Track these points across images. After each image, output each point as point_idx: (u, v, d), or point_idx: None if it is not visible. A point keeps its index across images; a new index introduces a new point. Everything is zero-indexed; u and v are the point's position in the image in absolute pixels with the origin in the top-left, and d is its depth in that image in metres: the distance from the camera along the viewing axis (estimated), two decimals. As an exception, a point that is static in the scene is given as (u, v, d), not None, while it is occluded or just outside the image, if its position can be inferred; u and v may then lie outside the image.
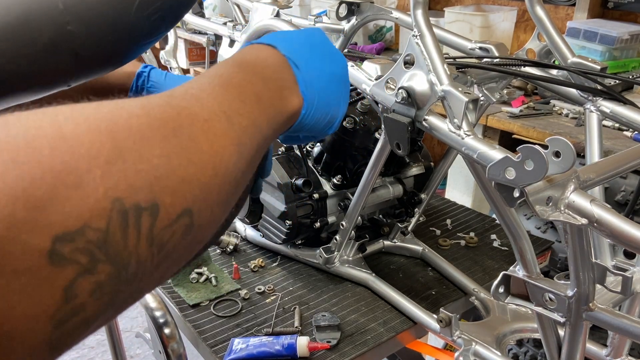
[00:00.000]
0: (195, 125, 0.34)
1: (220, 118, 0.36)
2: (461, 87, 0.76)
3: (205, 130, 0.34)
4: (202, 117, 0.35)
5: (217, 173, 0.34)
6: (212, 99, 0.37)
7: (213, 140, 0.34)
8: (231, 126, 0.37)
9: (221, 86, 0.40)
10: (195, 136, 0.33)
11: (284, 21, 1.13)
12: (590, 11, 2.26)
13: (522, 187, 0.58)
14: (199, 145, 0.33)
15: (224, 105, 0.38)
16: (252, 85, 0.43)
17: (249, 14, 1.29)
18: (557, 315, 0.71)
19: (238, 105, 0.39)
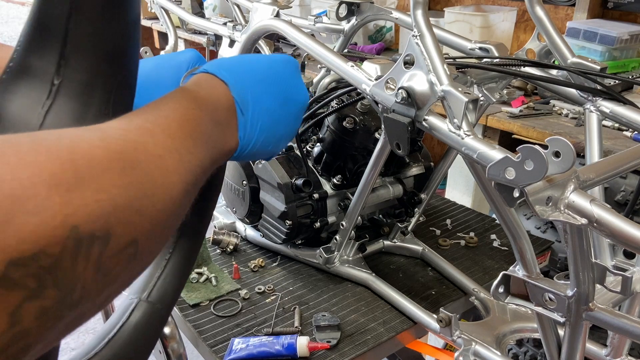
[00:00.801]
0: (150, 160, 0.35)
1: (172, 155, 0.38)
2: (461, 87, 0.76)
3: (158, 166, 0.36)
4: (157, 153, 0.36)
5: (165, 207, 0.35)
6: (167, 135, 0.39)
7: (165, 175, 0.36)
8: (181, 164, 0.38)
9: (176, 122, 0.41)
10: (150, 171, 0.34)
11: (284, 21, 1.13)
12: (590, 11, 2.26)
13: (522, 187, 0.58)
14: (153, 180, 0.34)
15: (177, 143, 0.39)
16: (204, 125, 0.45)
17: (249, 14, 1.29)
18: (557, 315, 0.71)
19: (189, 143, 0.41)
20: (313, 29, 1.47)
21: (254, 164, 1.18)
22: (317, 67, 1.43)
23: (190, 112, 0.44)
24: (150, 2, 1.97)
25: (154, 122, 0.39)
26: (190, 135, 0.41)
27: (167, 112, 0.42)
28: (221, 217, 1.40)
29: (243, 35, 1.25)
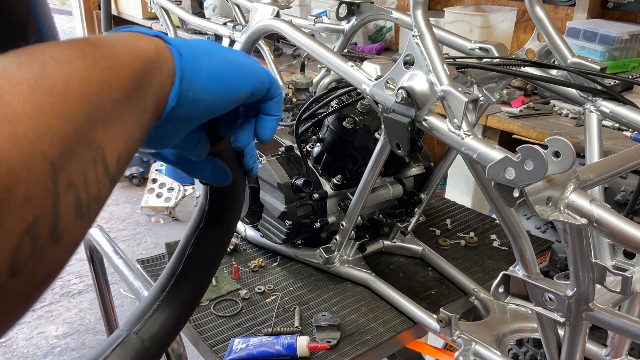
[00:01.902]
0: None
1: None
2: (461, 87, 0.76)
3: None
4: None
5: (3, 117, 0.26)
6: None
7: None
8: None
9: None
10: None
11: (284, 21, 1.13)
12: (590, 11, 2.26)
13: (521, 187, 0.58)
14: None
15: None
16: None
17: (249, 14, 1.29)
18: (556, 315, 0.71)
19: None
20: (313, 29, 1.47)
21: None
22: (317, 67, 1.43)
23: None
24: (150, 2, 1.97)
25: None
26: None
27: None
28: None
29: (243, 35, 1.25)
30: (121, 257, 1.16)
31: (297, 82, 1.32)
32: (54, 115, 0.27)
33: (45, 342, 2.39)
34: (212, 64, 0.43)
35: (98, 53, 0.33)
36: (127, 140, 0.34)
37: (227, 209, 0.54)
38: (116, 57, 0.34)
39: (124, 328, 0.47)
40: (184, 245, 0.53)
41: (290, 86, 1.34)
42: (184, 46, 0.41)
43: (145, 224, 3.28)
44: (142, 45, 0.37)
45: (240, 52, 0.47)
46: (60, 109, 0.28)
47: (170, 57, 0.39)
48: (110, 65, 0.33)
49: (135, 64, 0.35)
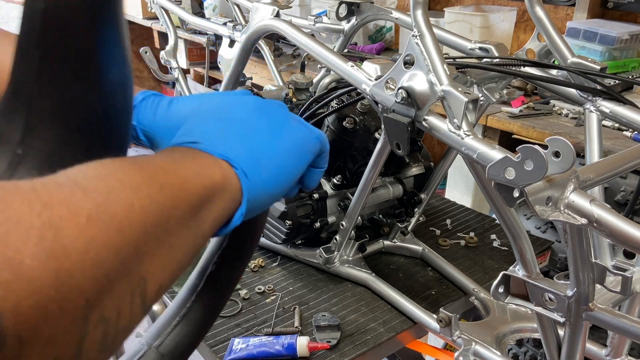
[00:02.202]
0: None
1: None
2: (461, 87, 0.76)
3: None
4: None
5: (50, 252, 0.24)
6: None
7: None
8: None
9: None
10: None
11: (284, 21, 1.13)
12: (590, 11, 2.26)
13: (521, 187, 0.58)
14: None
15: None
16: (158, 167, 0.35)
17: (249, 14, 1.29)
18: (556, 315, 0.71)
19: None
20: (313, 29, 1.47)
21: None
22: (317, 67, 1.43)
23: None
24: (150, 2, 1.97)
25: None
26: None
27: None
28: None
29: (243, 35, 1.25)
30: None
31: (297, 82, 1.32)
32: (103, 248, 0.26)
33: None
34: (274, 167, 0.43)
35: (166, 180, 0.33)
36: (174, 268, 0.33)
37: (250, 232, 0.55)
38: (182, 186, 0.34)
39: (144, 342, 0.48)
40: (206, 263, 0.54)
41: (290, 86, 1.34)
42: (248, 160, 0.40)
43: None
44: (210, 173, 0.37)
45: (293, 125, 0.47)
46: (112, 242, 0.26)
47: (236, 181, 0.39)
48: (175, 194, 0.33)
49: (199, 192, 0.35)
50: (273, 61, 1.69)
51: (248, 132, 0.43)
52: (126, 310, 0.28)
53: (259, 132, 0.43)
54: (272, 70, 1.67)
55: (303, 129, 0.47)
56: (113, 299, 0.27)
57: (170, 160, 0.36)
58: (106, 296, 0.26)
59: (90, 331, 0.25)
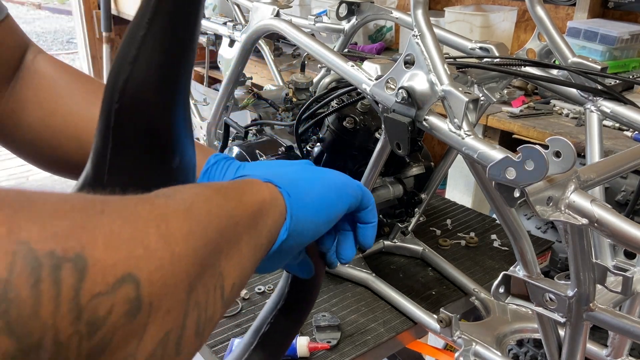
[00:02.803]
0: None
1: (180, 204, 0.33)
2: (461, 87, 0.75)
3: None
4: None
5: (165, 238, 0.28)
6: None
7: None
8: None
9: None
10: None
11: (284, 21, 1.13)
12: (590, 11, 2.25)
13: (522, 187, 0.58)
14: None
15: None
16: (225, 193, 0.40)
17: (249, 13, 1.29)
18: (557, 315, 0.70)
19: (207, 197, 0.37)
20: (313, 29, 1.47)
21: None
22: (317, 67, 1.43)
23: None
24: (150, 2, 1.97)
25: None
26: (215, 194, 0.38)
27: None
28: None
29: (243, 34, 1.25)
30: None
31: (297, 81, 1.32)
32: (198, 241, 0.31)
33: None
34: (314, 195, 0.48)
35: (230, 194, 0.39)
36: (242, 271, 0.37)
37: (305, 298, 0.58)
38: (241, 198, 0.39)
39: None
40: (261, 322, 0.57)
41: (291, 86, 1.34)
42: (290, 185, 0.46)
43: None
44: (260, 190, 0.43)
45: (333, 172, 0.52)
46: (202, 237, 0.32)
47: (282, 199, 0.44)
48: (237, 205, 0.38)
49: (255, 205, 0.40)
50: (273, 61, 1.69)
51: (292, 173, 0.49)
52: (211, 300, 0.32)
53: (302, 174, 0.49)
54: (272, 70, 1.67)
55: (344, 176, 0.52)
56: (204, 287, 0.31)
57: (227, 183, 0.42)
58: (199, 283, 0.31)
59: (190, 312, 0.30)
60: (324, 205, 0.48)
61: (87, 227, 0.24)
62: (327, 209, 0.48)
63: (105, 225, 0.25)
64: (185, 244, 0.29)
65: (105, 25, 3.80)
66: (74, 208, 0.25)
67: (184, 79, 0.42)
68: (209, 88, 3.30)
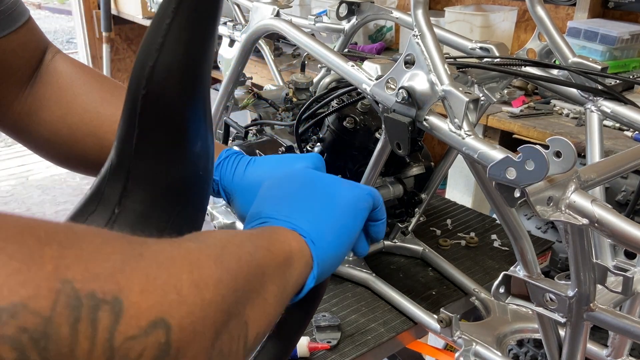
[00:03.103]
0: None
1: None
2: (462, 87, 0.75)
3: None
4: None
5: (197, 284, 0.29)
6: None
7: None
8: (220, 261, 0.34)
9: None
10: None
11: (284, 21, 1.13)
12: (590, 11, 2.25)
13: (522, 187, 0.58)
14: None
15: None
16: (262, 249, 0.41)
17: (248, 13, 1.29)
18: (557, 315, 0.70)
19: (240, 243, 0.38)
20: (313, 29, 1.47)
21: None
22: (317, 67, 1.43)
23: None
24: (150, 2, 1.97)
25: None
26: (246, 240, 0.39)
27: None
28: (221, 217, 1.40)
29: (243, 34, 1.25)
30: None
31: (297, 81, 1.32)
32: (226, 288, 0.31)
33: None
34: (336, 229, 0.49)
35: (259, 242, 0.40)
36: (267, 320, 0.38)
37: (316, 289, 0.59)
38: (269, 248, 0.40)
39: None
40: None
41: (291, 86, 1.34)
42: (313, 228, 0.47)
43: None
44: (288, 240, 0.44)
45: (345, 187, 0.54)
46: (230, 284, 0.32)
47: (307, 249, 0.45)
48: (265, 254, 0.39)
49: (283, 254, 0.41)
50: (273, 61, 1.69)
51: (308, 205, 0.50)
52: (234, 349, 0.33)
53: (317, 203, 0.50)
54: (272, 70, 1.67)
55: (354, 189, 0.54)
56: (229, 335, 0.32)
57: (256, 231, 0.44)
58: (225, 331, 0.31)
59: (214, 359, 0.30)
60: (346, 235, 0.50)
61: (126, 270, 0.25)
62: (348, 237, 0.50)
63: (142, 269, 0.26)
64: (215, 291, 0.30)
65: (105, 25, 3.80)
66: (115, 250, 0.26)
67: (206, 66, 0.43)
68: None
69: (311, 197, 0.51)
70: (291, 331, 0.58)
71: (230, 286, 0.32)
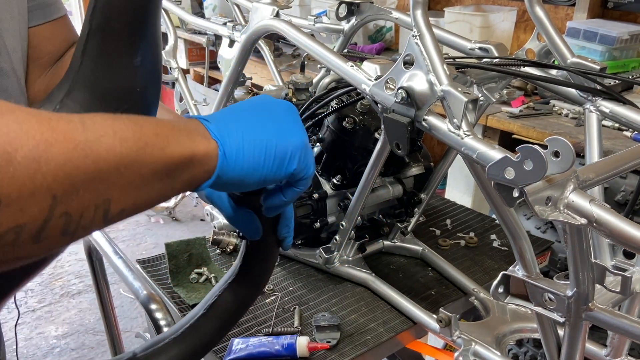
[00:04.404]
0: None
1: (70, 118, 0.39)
2: (460, 87, 0.76)
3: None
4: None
5: (36, 158, 0.35)
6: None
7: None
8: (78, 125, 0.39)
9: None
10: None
11: (283, 21, 1.13)
12: (590, 11, 2.26)
13: (521, 187, 0.58)
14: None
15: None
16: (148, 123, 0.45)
17: (248, 14, 1.29)
18: (556, 315, 0.70)
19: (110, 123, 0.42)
20: (313, 29, 1.47)
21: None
22: (317, 67, 1.44)
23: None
24: (150, 2, 1.97)
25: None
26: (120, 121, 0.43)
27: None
28: (221, 217, 1.40)
29: (243, 35, 1.25)
30: (121, 257, 1.16)
31: (297, 82, 1.32)
32: (76, 169, 0.37)
33: (45, 343, 2.39)
34: (254, 160, 0.51)
35: (152, 141, 0.43)
36: (139, 202, 0.43)
37: (256, 271, 0.63)
38: (164, 148, 0.44)
39: (136, 351, 0.55)
40: (212, 294, 0.62)
41: (290, 86, 1.34)
42: (234, 147, 0.50)
43: (145, 224, 3.28)
44: (194, 143, 0.47)
45: (295, 133, 0.54)
46: (85, 167, 0.38)
47: (215, 160, 0.48)
48: (154, 153, 0.43)
49: (177, 158, 0.45)
50: (273, 61, 1.70)
51: (252, 122, 0.52)
52: (88, 215, 0.39)
53: (261, 125, 0.52)
54: (272, 70, 1.67)
55: (300, 141, 0.54)
56: (78, 204, 0.38)
57: (169, 127, 0.46)
58: (72, 200, 0.37)
59: (54, 218, 0.37)
60: (258, 171, 0.51)
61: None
62: (260, 176, 0.52)
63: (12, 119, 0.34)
64: (58, 168, 0.36)
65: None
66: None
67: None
68: (209, 88, 3.30)
69: (263, 117, 0.53)
70: (227, 310, 0.60)
71: (84, 168, 0.37)
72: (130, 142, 0.41)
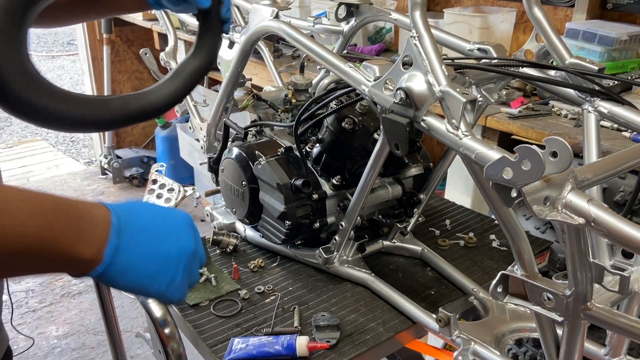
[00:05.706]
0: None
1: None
2: (459, 87, 0.76)
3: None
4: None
5: None
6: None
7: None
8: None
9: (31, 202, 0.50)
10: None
11: (283, 22, 1.13)
12: (589, 12, 2.26)
13: (519, 187, 0.58)
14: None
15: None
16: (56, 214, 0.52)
17: (248, 15, 1.30)
18: (555, 314, 0.71)
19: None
20: (312, 30, 1.47)
21: (253, 164, 1.18)
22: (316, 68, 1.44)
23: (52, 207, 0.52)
24: (150, 4, 1.97)
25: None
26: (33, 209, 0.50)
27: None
28: (221, 217, 1.40)
29: (242, 36, 1.26)
30: (121, 257, 1.15)
31: (297, 83, 1.32)
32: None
33: (46, 343, 2.39)
34: (143, 271, 0.59)
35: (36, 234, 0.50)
36: (11, 241, 0.49)
37: (210, 46, 0.83)
38: (43, 249, 0.51)
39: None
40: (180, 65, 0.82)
41: (290, 87, 1.34)
42: (121, 264, 0.56)
43: (145, 224, 3.27)
44: (79, 255, 0.53)
45: (185, 235, 0.63)
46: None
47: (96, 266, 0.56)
48: (35, 250, 0.50)
49: (55, 257, 0.52)
50: (273, 62, 1.70)
51: (146, 237, 0.58)
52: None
53: (150, 238, 0.59)
54: (271, 71, 1.68)
55: (190, 240, 0.62)
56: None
57: (66, 207, 0.53)
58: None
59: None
60: (147, 277, 0.58)
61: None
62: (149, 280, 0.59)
63: None
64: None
65: (106, 27, 3.80)
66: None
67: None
68: (208, 89, 3.31)
69: (153, 229, 0.59)
70: (188, 73, 0.80)
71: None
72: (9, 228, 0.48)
